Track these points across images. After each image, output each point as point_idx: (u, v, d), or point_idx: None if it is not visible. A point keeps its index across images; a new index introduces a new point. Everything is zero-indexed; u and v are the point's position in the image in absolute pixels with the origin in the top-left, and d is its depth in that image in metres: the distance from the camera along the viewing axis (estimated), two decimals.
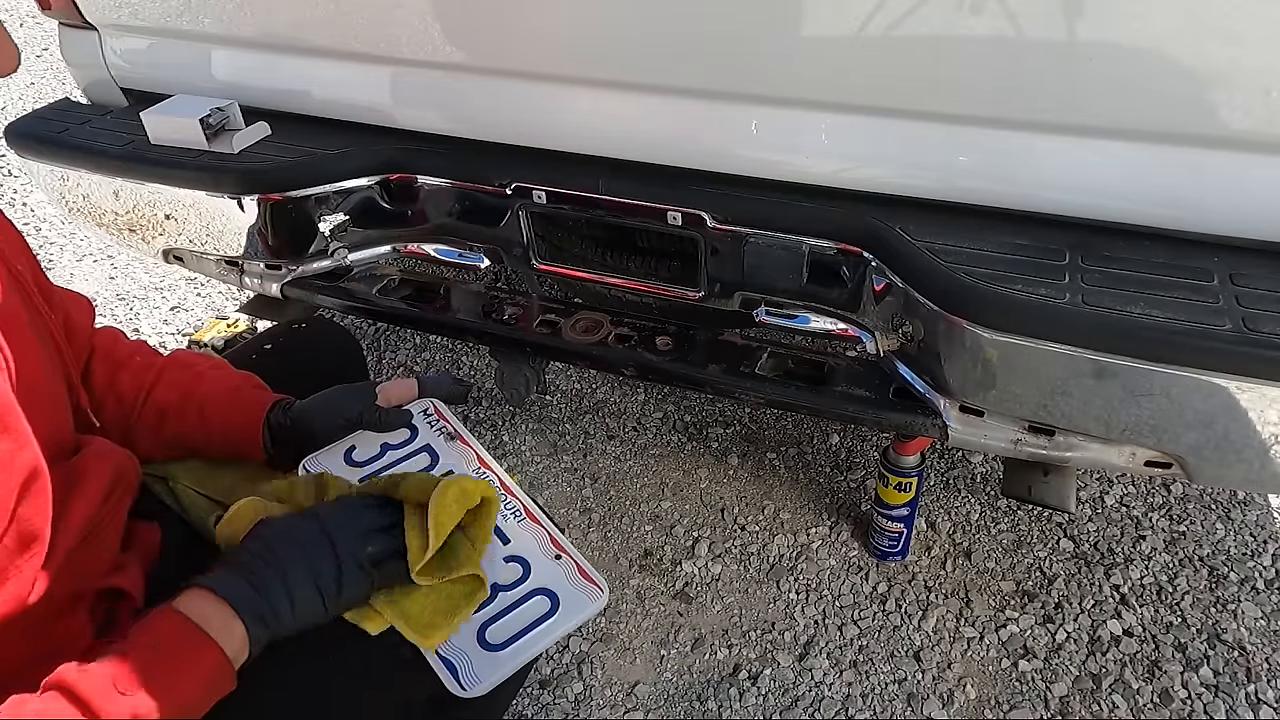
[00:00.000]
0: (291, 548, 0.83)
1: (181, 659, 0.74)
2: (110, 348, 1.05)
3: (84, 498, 0.83)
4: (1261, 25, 0.95)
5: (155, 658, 0.73)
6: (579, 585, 0.94)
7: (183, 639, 0.75)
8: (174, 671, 0.74)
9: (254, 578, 0.80)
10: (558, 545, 0.99)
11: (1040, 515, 1.85)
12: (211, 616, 0.76)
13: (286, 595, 0.80)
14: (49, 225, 3.08)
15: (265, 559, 0.81)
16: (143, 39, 1.63)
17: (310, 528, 0.85)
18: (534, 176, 1.40)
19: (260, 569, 0.81)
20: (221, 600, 0.77)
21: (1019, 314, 1.04)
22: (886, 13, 1.09)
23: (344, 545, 0.84)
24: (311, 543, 0.83)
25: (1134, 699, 1.52)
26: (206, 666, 0.75)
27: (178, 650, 0.75)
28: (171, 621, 0.76)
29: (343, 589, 0.83)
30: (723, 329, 1.45)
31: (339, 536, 0.84)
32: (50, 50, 4.43)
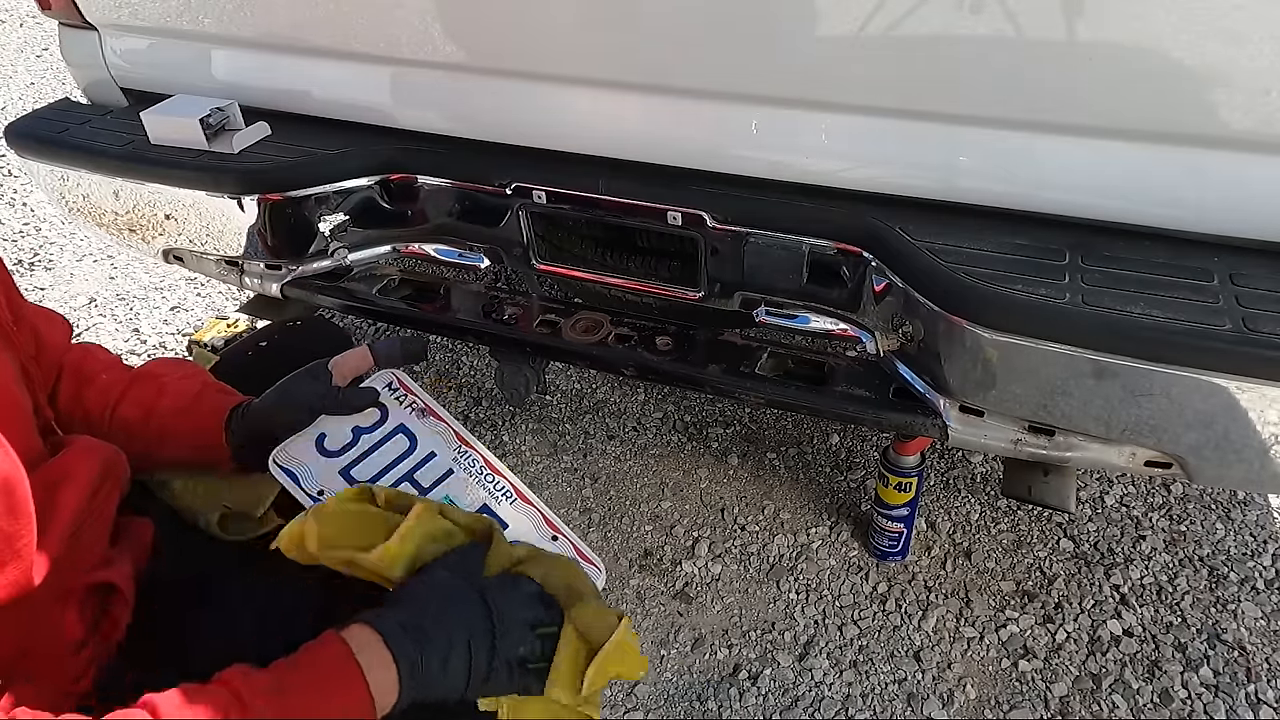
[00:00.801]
0: (459, 620, 0.80)
1: (336, 692, 0.74)
2: (79, 365, 1.03)
3: (72, 492, 0.82)
4: (1261, 25, 0.95)
5: (314, 683, 0.74)
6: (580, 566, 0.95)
7: (342, 672, 0.75)
8: (326, 702, 0.74)
9: (422, 638, 0.78)
10: (553, 526, 0.99)
11: (1040, 515, 1.85)
12: (373, 662, 0.76)
13: (443, 669, 0.78)
14: (49, 225, 3.08)
15: (435, 622, 0.79)
16: (143, 39, 1.63)
17: (481, 606, 0.82)
18: (534, 176, 1.40)
19: (429, 632, 0.78)
20: (386, 648, 0.76)
21: (1019, 314, 1.04)
22: (886, 13, 1.09)
23: (503, 638, 0.81)
24: (479, 623, 0.80)
25: (1134, 699, 1.52)
26: (354, 705, 0.74)
27: (335, 682, 0.75)
28: (335, 650, 0.76)
29: (490, 680, 0.80)
30: (723, 329, 1.45)
31: (502, 627, 0.81)
32: (50, 50, 4.43)
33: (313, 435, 1.03)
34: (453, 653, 0.78)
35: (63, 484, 0.82)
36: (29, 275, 2.82)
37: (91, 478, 0.86)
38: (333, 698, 0.74)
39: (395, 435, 1.06)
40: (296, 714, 0.72)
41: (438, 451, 1.05)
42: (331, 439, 1.03)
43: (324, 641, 0.77)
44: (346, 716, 0.75)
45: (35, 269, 2.85)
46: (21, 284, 2.74)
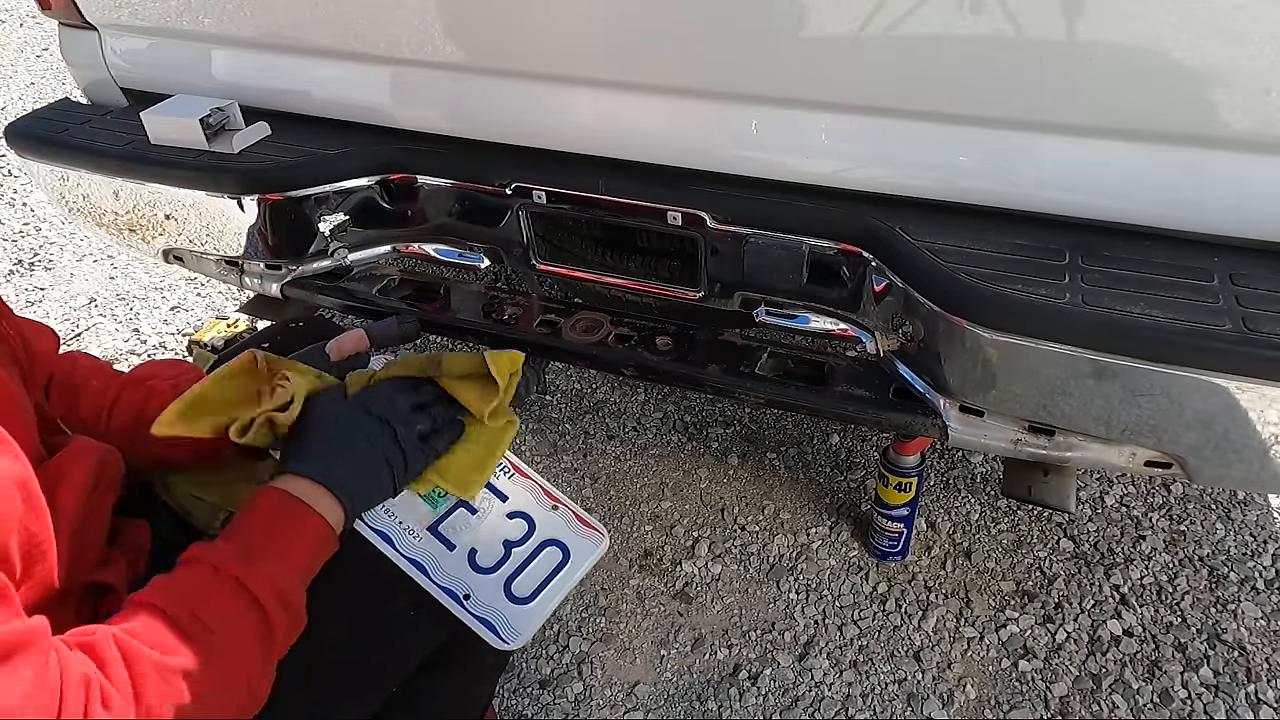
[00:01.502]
0: (353, 431, 0.89)
1: (293, 526, 0.83)
2: (68, 374, 1.04)
3: (69, 492, 0.83)
4: (1261, 25, 0.95)
5: (270, 528, 0.82)
6: (582, 533, 1.00)
7: (289, 509, 0.83)
8: (290, 539, 0.82)
9: (331, 459, 0.87)
10: (552, 496, 1.03)
11: (1040, 515, 1.85)
12: (308, 494, 0.84)
13: (367, 476, 0.87)
14: (49, 225, 3.08)
15: (334, 443, 0.88)
16: (143, 39, 1.63)
17: (363, 413, 0.90)
18: (534, 176, 1.40)
19: (333, 452, 0.87)
20: (315, 482, 0.85)
21: (1019, 314, 1.04)
22: (886, 13, 1.09)
23: (400, 426, 0.90)
24: (374, 428, 0.89)
25: (1134, 699, 1.52)
26: (312, 532, 0.83)
27: (288, 519, 0.83)
28: (271, 497, 0.84)
29: (410, 466, 0.90)
30: (723, 329, 1.45)
31: (393, 418, 0.90)
32: (50, 50, 4.43)
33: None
34: (365, 458, 0.88)
35: (60, 484, 0.82)
36: (29, 275, 2.82)
37: (87, 477, 0.87)
38: (293, 535, 0.82)
39: None
40: (272, 559, 0.79)
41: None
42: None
43: (261, 494, 0.84)
44: (313, 545, 0.83)
45: (35, 269, 2.85)
46: (21, 284, 2.74)
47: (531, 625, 0.92)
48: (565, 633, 1.67)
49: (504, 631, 0.90)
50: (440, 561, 0.93)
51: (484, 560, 0.95)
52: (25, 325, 1.00)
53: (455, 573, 0.93)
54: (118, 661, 0.68)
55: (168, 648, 0.70)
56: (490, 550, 0.95)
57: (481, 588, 0.92)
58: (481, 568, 0.94)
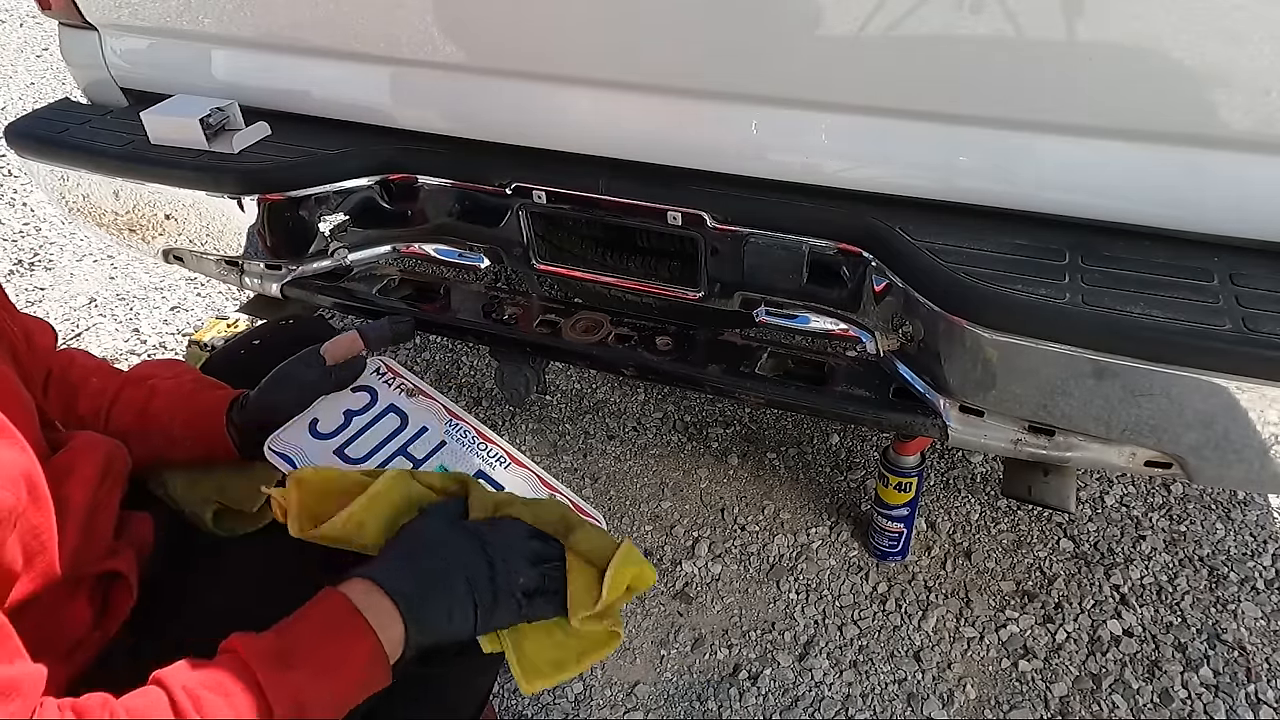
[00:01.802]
0: (454, 560, 0.81)
1: (344, 643, 0.75)
2: (65, 371, 1.04)
3: (79, 485, 0.83)
4: (1261, 25, 0.95)
5: (318, 635, 0.75)
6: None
7: (345, 620, 0.75)
8: (336, 655, 0.74)
9: (418, 580, 0.79)
10: (549, 485, 1.02)
11: (1040, 515, 1.85)
12: (373, 608, 0.76)
13: (446, 607, 0.79)
14: (49, 225, 3.08)
15: (428, 565, 0.80)
16: (143, 39, 1.63)
17: (472, 543, 0.83)
18: (534, 176, 1.40)
19: (424, 574, 0.79)
20: (385, 595, 0.77)
21: (1019, 314, 1.04)
22: (886, 13, 1.09)
23: (502, 570, 0.82)
24: (474, 560, 0.82)
25: (1134, 699, 1.52)
26: (364, 654, 0.75)
27: (340, 631, 0.75)
28: (333, 601, 0.76)
29: (495, 614, 0.81)
30: (723, 329, 1.45)
31: (499, 560, 0.82)
32: (50, 50, 4.43)
33: (305, 421, 1.04)
34: (451, 589, 0.79)
35: (69, 478, 0.83)
36: (29, 275, 2.82)
37: (96, 471, 0.87)
38: (341, 651, 0.74)
39: (386, 414, 1.08)
40: (308, 672, 0.73)
41: (429, 426, 1.07)
42: (324, 423, 1.05)
43: (323, 597, 0.77)
44: (359, 669, 0.75)
45: (35, 269, 2.85)
46: (21, 284, 2.74)
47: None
48: None
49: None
50: None
51: None
52: (28, 321, 1.01)
53: None
54: None
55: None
56: None
57: None
58: None
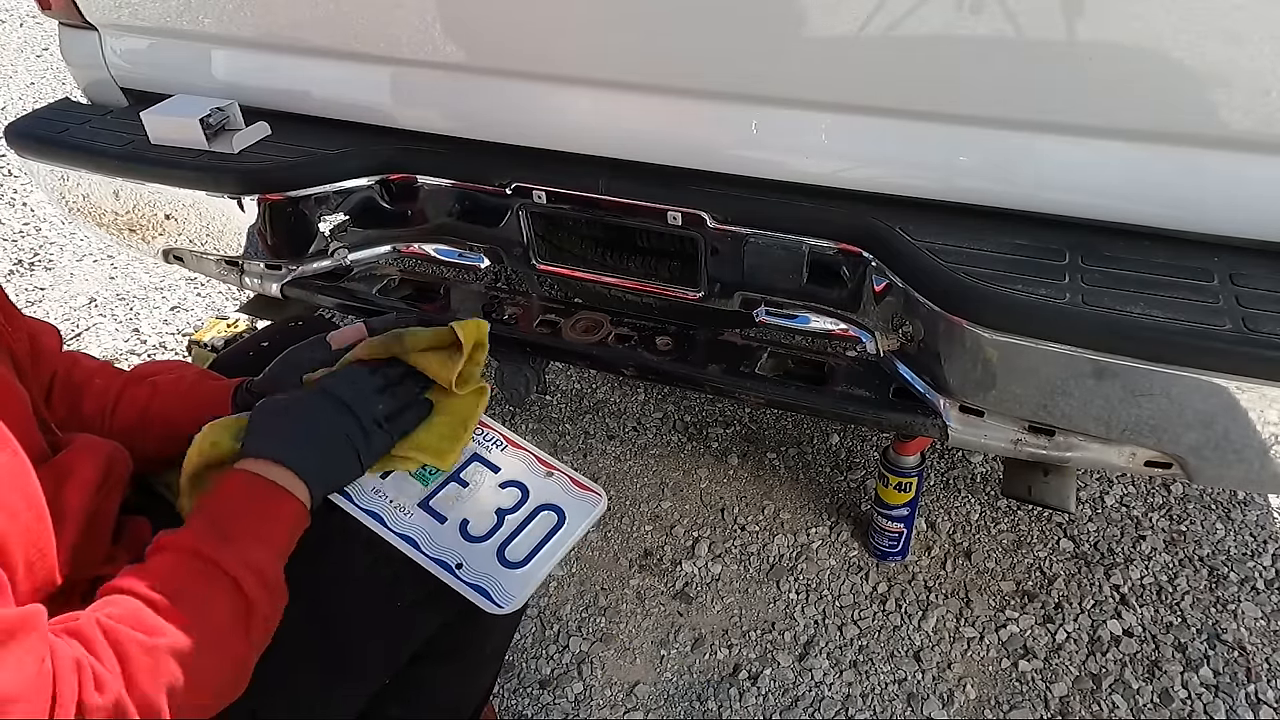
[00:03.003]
0: (312, 415, 0.91)
1: (265, 504, 0.83)
2: (69, 373, 1.05)
3: (77, 489, 0.83)
4: (1261, 25, 0.95)
5: (242, 508, 0.83)
6: (578, 495, 1.00)
7: (259, 488, 0.84)
8: (262, 516, 0.82)
9: (299, 445, 0.87)
10: (546, 464, 1.03)
11: (1040, 515, 1.85)
12: (272, 473, 0.85)
13: (332, 459, 0.89)
14: (49, 225, 3.08)
15: (292, 426, 0.89)
16: (143, 39, 1.63)
17: (320, 397, 0.92)
18: (534, 176, 1.40)
19: (292, 434, 0.88)
20: (280, 465, 0.85)
21: (1019, 314, 1.04)
22: (886, 13, 1.09)
23: (361, 408, 0.92)
24: (329, 409, 0.91)
25: (1134, 699, 1.52)
26: (286, 509, 0.84)
27: (259, 498, 0.84)
28: (239, 478, 0.84)
29: (371, 447, 0.92)
30: (723, 329, 1.45)
31: (353, 401, 0.92)
32: (50, 50, 4.43)
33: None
34: (329, 441, 0.89)
35: (68, 481, 0.83)
36: (29, 275, 2.82)
37: (95, 475, 0.87)
38: (267, 513, 0.83)
39: None
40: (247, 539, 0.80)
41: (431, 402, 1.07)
42: None
43: (225, 479, 0.85)
44: (288, 523, 0.84)
45: (35, 269, 2.85)
46: (21, 284, 2.74)
47: (525, 588, 0.91)
48: (565, 633, 1.67)
49: (497, 596, 0.90)
50: (431, 535, 0.93)
51: (476, 530, 0.95)
52: (32, 324, 1.01)
53: (447, 544, 0.93)
54: (104, 645, 0.69)
55: (151, 629, 0.71)
56: (482, 520, 0.96)
57: (474, 556, 0.93)
58: (474, 537, 0.94)
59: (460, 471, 1.01)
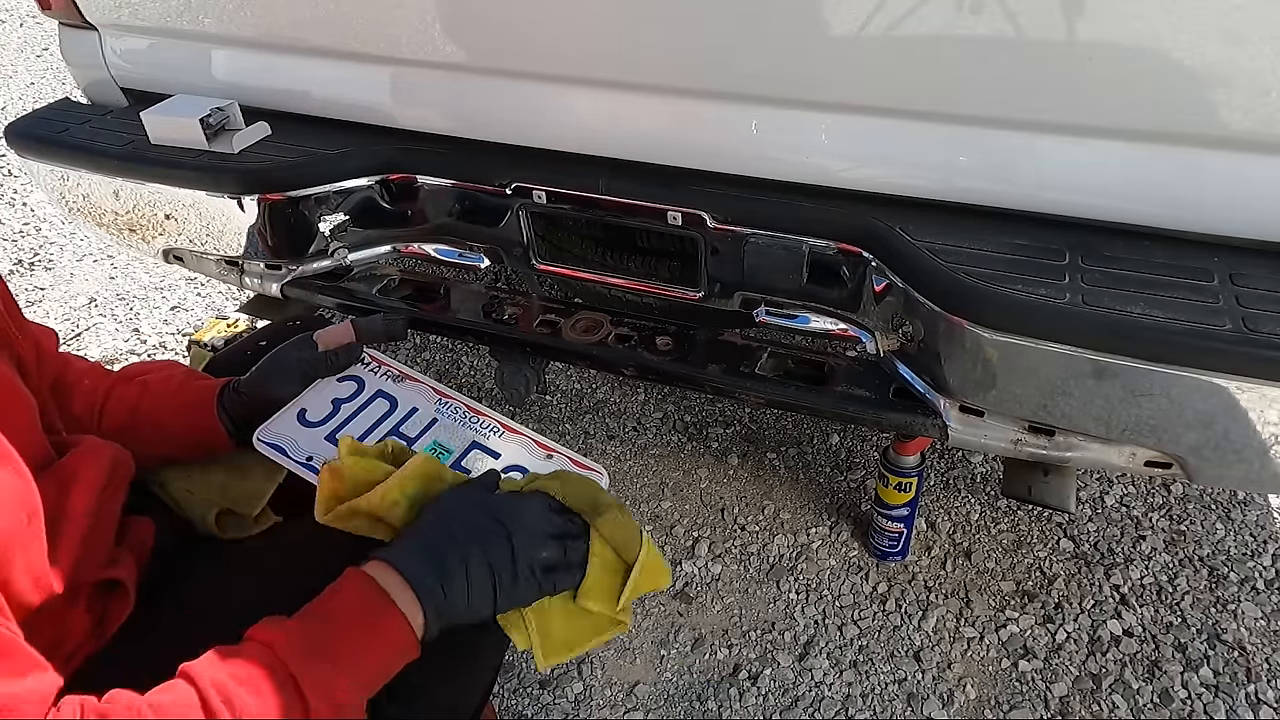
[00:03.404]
0: (472, 539, 0.82)
1: (374, 628, 0.76)
2: (61, 374, 1.05)
3: (82, 493, 0.83)
4: (1261, 25, 0.95)
5: (349, 625, 0.75)
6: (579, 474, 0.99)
7: (372, 603, 0.76)
8: (367, 641, 0.75)
9: (437, 564, 0.79)
10: (545, 447, 1.04)
11: (1040, 515, 1.85)
12: (393, 590, 0.77)
13: (465, 589, 0.79)
14: (49, 225, 3.08)
15: (446, 545, 0.81)
16: (143, 39, 1.63)
17: (491, 521, 0.83)
18: (534, 176, 1.40)
19: (442, 555, 0.80)
20: (404, 580, 0.78)
21: (1019, 314, 1.04)
22: (886, 13, 1.09)
23: (522, 546, 0.82)
24: (492, 537, 0.82)
25: (1134, 699, 1.52)
26: (394, 638, 0.76)
27: (369, 614, 0.76)
28: (356, 584, 0.77)
29: (515, 592, 0.82)
30: (723, 329, 1.45)
31: (518, 536, 0.83)
32: (50, 50, 4.43)
33: (293, 411, 1.04)
34: (470, 566, 0.79)
35: (73, 485, 0.83)
36: (29, 275, 2.82)
37: (100, 477, 0.87)
38: (372, 637, 0.75)
39: (375, 400, 1.08)
40: (341, 662, 0.73)
41: (419, 406, 1.08)
42: (312, 412, 1.05)
43: (348, 580, 0.78)
44: (389, 653, 0.76)
45: (35, 269, 2.85)
46: (21, 284, 2.74)
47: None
48: None
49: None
50: None
51: None
52: (34, 328, 1.01)
53: None
54: None
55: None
56: None
57: None
58: None
59: (461, 460, 1.02)
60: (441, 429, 1.06)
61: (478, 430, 1.04)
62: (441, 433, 1.05)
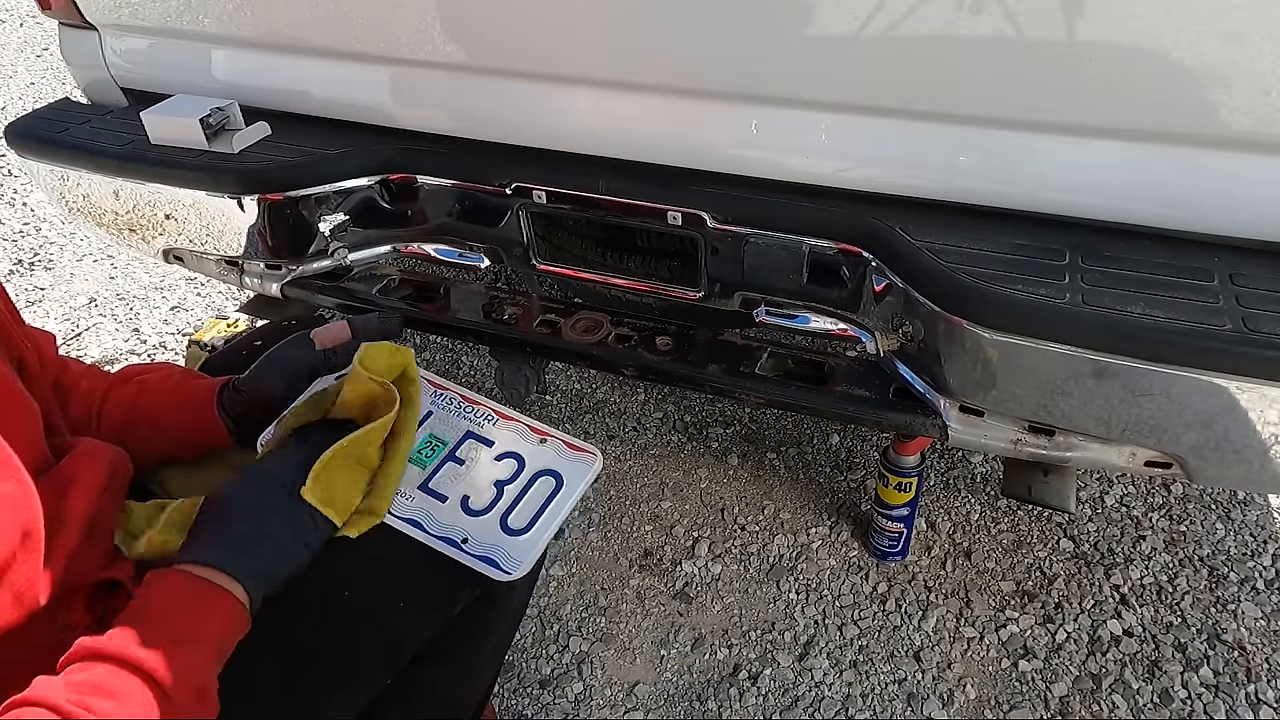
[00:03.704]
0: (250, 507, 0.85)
1: (201, 608, 0.78)
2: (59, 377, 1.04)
3: (81, 496, 0.83)
4: (1261, 25, 0.95)
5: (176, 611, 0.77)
6: (573, 457, 1.01)
7: (194, 591, 0.79)
8: (198, 620, 0.77)
9: (235, 541, 0.82)
10: (539, 431, 1.04)
11: (1040, 515, 1.85)
12: (210, 576, 0.80)
13: (274, 550, 0.83)
14: (49, 225, 3.08)
15: (237, 523, 0.84)
16: (143, 39, 1.63)
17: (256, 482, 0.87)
18: (534, 176, 1.40)
19: (237, 532, 0.83)
20: (212, 568, 0.80)
21: (1019, 314, 1.04)
22: (886, 13, 1.09)
23: (283, 486, 0.86)
24: (269, 493, 0.86)
25: (1134, 699, 1.52)
26: (225, 610, 0.79)
27: (194, 602, 0.78)
28: (175, 579, 0.80)
29: (318, 526, 0.86)
30: (723, 329, 1.45)
31: (290, 477, 0.87)
32: (50, 50, 4.43)
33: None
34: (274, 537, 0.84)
35: (71, 488, 0.83)
36: (29, 275, 2.82)
37: (99, 480, 0.87)
38: (202, 615, 0.78)
39: None
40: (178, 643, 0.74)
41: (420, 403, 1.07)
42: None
43: (156, 579, 0.80)
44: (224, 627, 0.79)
45: (35, 269, 2.85)
46: (21, 284, 2.74)
47: (531, 553, 0.93)
48: (565, 633, 1.67)
49: (504, 563, 0.91)
50: (434, 515, 0.94)
51: (477, 504, 0.96)
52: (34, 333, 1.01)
53: (450, 522, 0.94)
54: None
55: None
56: (483, 494, 0.97)
57: (478, 529, 0.94)
58: (476, 511, 0.96)
59: (456, 450, 1.02)
60: (436, 421, 1.06)
61: (473, 419, 1.05)
62: (437, 425, 1.06)
